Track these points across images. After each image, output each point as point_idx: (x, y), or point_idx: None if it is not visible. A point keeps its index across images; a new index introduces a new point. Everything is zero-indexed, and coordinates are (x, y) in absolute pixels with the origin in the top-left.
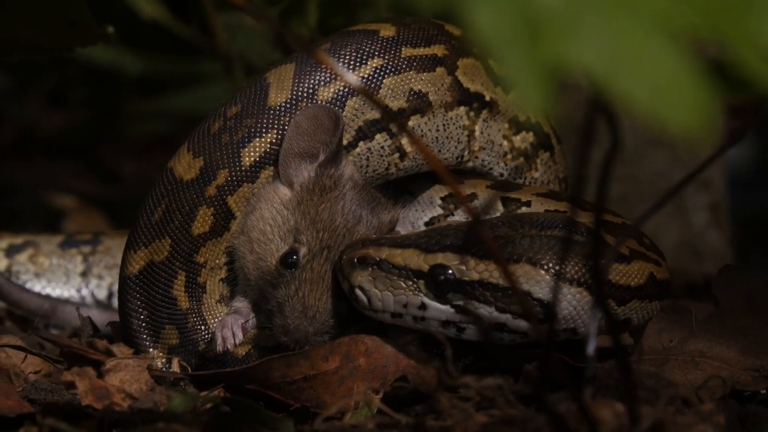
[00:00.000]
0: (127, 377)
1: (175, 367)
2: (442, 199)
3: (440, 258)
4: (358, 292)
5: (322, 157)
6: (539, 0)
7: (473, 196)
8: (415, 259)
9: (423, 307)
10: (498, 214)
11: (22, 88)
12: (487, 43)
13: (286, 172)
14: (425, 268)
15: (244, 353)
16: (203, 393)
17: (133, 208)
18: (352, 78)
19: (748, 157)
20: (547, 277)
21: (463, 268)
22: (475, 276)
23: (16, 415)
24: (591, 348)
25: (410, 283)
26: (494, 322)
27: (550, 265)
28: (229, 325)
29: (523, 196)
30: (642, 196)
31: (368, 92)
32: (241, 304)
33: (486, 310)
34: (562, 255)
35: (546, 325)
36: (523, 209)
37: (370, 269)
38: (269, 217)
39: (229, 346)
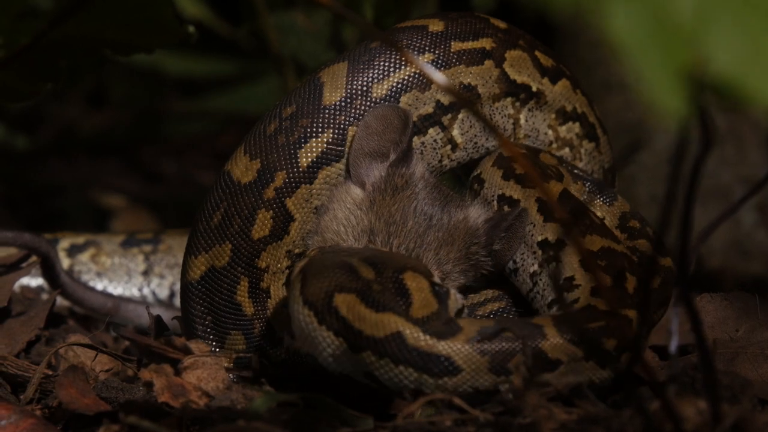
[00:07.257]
0: (204, 375)
1: (255, 363)
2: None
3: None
4: None
5: (392, 157)
6: (671, 4)
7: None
8: None
9: None
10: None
11: (62, 89)
12: (622, 46)
13: (357, 172)
14: None
15: None
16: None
17: (176, 207)
18: (440, 76)
19: None
20: (297, 292)
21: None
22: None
23: (94, 414)
24: (674, 346)
25: None
26: None
27: (306, 279)
28: None
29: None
30: None
31: (452, 88)
32: None
33: None
34: (328, 276)
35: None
36: None
37: None
38: (342, 217)
39: None
